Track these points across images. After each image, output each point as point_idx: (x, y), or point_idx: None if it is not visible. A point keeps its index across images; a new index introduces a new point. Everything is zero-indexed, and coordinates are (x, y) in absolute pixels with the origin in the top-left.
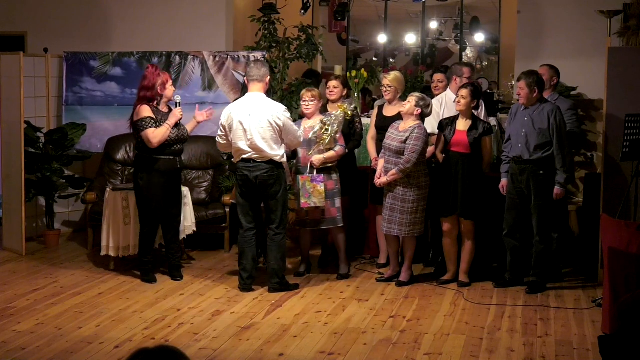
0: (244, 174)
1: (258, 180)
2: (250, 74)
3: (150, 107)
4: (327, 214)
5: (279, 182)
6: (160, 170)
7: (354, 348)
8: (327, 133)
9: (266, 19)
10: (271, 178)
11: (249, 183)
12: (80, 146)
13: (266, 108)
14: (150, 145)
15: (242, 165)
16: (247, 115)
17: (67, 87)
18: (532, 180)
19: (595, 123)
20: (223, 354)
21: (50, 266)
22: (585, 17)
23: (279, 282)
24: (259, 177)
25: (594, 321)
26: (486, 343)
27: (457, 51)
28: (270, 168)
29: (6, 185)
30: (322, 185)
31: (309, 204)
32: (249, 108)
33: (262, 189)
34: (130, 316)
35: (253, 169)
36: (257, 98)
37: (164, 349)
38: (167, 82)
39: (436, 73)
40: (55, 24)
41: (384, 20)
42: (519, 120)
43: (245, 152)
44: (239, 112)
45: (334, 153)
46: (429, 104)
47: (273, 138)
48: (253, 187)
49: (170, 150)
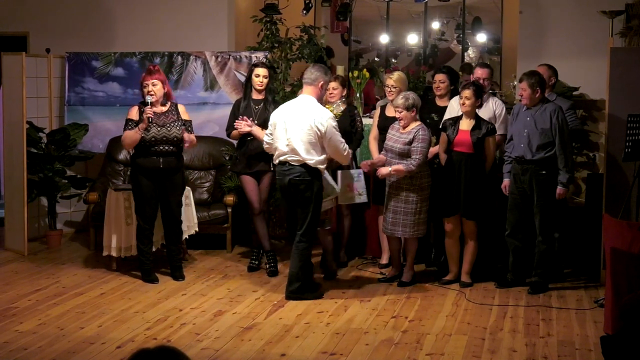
0: (279, 177)
1: (290, 184)
2: (304, 76)
3: (140, 107)
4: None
5: (311, 189)
6: (142, 168)
7: (355, 348)
8: None
9: (268, 19)
10: (302, 183)
11: (283, 187)
12: (82, 146)
13: (311, 111)
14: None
15: (278, 169)
16: (291, 115)
17: (69, 87)
18: (535, 180)
19: (597, 123)
20: (225, 354)
21: (53, 266)
22: (587, 18)
23: (296, 290)
24: (291, 181)
25: (596, 321)
26: (488, 343)
27: (459, 51)
28: (302, 172)
29: (8, 186)
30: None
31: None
32: (295, 109)
33: (294, 193)
34: (132, 316)
35: (287, 172)
36: (305, 101)
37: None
38: (143, 80)
39: (438, 73)
40: (57, 24)
41: (386, 21)
42: (521, 121)
43: (282, 154)
44: (284, 112)
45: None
46: (409, 96)
47: (311, 142)
48: (287, 191)
49: (151, 150)
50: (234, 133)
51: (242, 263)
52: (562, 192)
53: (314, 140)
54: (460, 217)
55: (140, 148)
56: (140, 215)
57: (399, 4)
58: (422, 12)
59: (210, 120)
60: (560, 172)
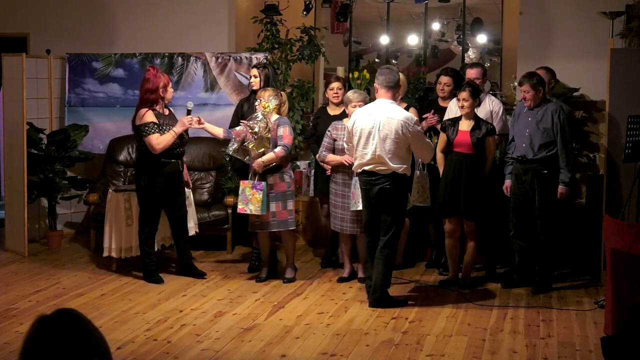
0: (366, 187)
1: (380, 193)
2: (380, 79)
3: (153, 110)
4: (278, 217)
5: (399, 196)
6: (163, 173)
7: (356, 349)
8: (255, 138)
9: (268, 20)
10: (393, 191)
11: (372, 197)
12: (83, 147)
13: (397, 117)
14: (153, 151)
15: (364, 179)
16: (375, 123)
17: (69, 88)
18: (537, 179)
19: (598, 124)
20: (225, 355)
21: (53, 267)
22: (588, 19)
23: (380, 297)
24: (382, 190)
25: (597, 322)
26: (488, 344)
27: (460, 52)
28: (392, 181)
29: (8, 187)
30: (261, 193)
31: (245, 211)
32: (378, 116)
33: (383, 201)
34: (133, 317)
35: (375, 181)
36: (387, 106)
37: (63, 312)
38: (167, 84)
39: (443, 75)
40: (57, 25)
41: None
42: (523, 121)
43: (368, 163)
44: (365, 119)
45: (273, 155)
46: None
47: (399, 149)
48: (375, 200)
49: (172, 153)
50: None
51: (243, 264)
52: (563, 192)
53: (402, 146)
54: (461, 217)
55: (164, 152)
56: (151, 217)
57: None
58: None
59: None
60: (562, 171)
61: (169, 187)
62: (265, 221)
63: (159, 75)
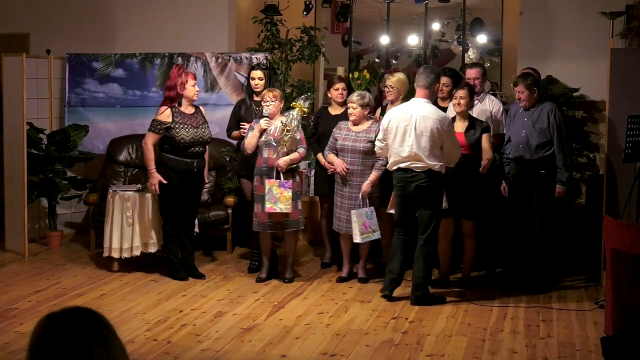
0: (401, 185)
1: (417, 190)
2: (417, 79)
3: (172, 109)
4: (291, 217)
5: (436, 193)
6: (176, 170)
7: (356, 349)
8: (289, 135)
9: (268, 20)
10: (430, 188)
11: (407, 194)
12: (83, 147)
13: (433, 116)
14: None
15: (399, 176)
16: (411, 121)
17: (69, 88)
18: (534, 180)
19: (598, 124)
20: (225, 355)
21: (53, 267)
22: (588, 19)
23: (421, 295)
24: (418, 187)
25: (597, 322)
26: (488, 344)
27: (460, 52)
28: (428, 178)
29: (9, 187)
30: (290, 191)
31: (274, 209)
32: (415, 114)
33: (420, 198)
34: (133, 317)
35: (411, 179)
36: (421, 104)
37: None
38: (186, 82)
39: (441, 76)
40: (57, 25)
41: (386, 22)
42: (519, 121)
43: (403, 160)
44: (401, 117)
45: (297, 155)
46: (365, 95)
47: (434, 147)
48: (411, 197)
49: (187, 152)
50: (235, 133)
51: (242, 264)
52: (561, 191)
53: (437, 144)
54: (459, 217)
55: (174, 149)
56: (171, 216)
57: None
58: (422, 13)
59: (210, 121)
60: (559, 171)
61: (183, 187)
62: (278, 221)
63: (180, 72)
